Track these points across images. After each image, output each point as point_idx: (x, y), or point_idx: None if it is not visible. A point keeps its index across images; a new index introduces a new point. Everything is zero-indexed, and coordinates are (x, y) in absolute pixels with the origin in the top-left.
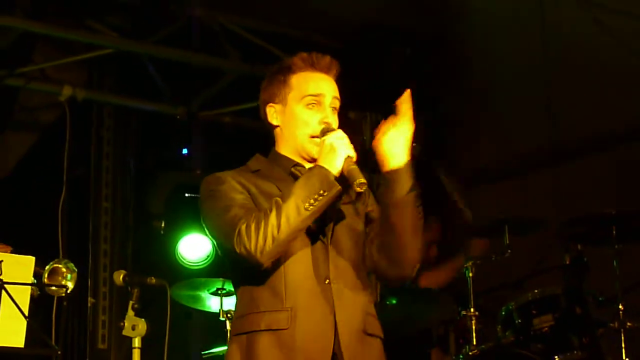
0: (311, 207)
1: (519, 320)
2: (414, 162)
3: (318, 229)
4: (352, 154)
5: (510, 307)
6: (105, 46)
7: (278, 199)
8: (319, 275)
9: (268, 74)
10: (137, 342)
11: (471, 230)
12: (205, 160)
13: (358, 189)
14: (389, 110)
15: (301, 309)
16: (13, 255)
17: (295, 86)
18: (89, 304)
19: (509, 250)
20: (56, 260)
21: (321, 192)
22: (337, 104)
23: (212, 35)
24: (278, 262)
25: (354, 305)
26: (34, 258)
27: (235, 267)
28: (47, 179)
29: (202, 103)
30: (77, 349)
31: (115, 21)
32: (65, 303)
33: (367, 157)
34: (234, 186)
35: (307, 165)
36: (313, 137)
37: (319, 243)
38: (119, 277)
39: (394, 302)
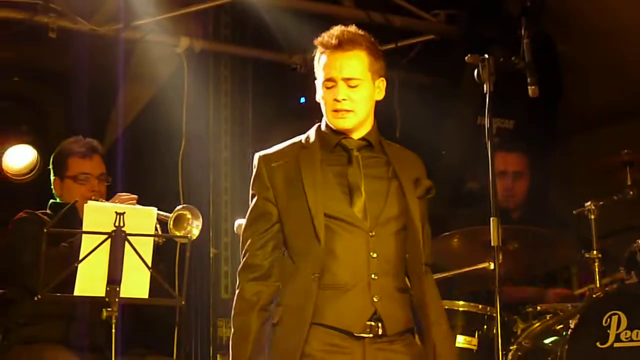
0: None
1: None
2: None
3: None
4: None
5: (634, 249)
6: None
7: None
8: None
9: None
10: None
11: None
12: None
13: None
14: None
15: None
16: (135, 207)
17: (318, 71)
18: (212, 255)
19: (631, 192)
20: (181, 207)
21: None
22: (352, 82)
23: None
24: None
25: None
26: (155, 209)
27: None
28: (167, 131)
29: None
30: (201, 300)
31: None
32: (188, 254)
33: (485, 101)
34: (260, 202)
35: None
36: (334, 111)
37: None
38: (241, 227)
39: (516, 245)
